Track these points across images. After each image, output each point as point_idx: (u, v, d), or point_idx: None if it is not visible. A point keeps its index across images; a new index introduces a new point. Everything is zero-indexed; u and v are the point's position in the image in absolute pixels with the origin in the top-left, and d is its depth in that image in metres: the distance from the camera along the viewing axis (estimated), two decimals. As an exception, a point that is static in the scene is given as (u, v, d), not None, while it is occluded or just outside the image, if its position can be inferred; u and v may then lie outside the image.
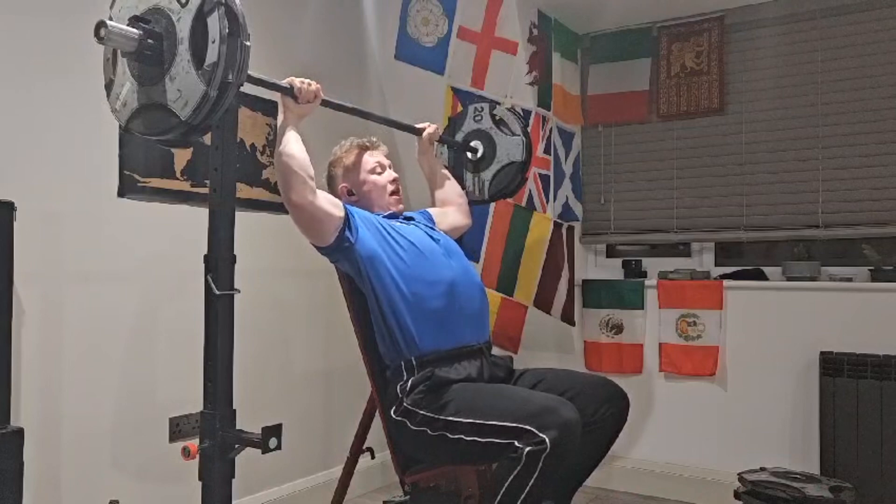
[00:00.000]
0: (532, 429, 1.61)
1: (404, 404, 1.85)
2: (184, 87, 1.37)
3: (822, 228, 3.04)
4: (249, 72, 1.48)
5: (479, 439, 1.70)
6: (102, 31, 1.34)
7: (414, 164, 2.48)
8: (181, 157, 2.50)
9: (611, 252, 3.67)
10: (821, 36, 3.06)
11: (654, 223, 3.43)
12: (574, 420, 1.63)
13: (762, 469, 2.67)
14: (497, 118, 2.49)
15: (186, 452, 1.62)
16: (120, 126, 1.54)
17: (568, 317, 3.22)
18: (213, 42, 1.34)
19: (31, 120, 2.11)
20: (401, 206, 2.17)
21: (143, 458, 2.39)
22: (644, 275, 3.40)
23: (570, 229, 3.30)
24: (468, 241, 2.99)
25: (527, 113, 3.08)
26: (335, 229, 1.89)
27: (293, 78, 1.84)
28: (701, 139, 3.31)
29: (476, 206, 2.61)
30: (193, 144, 1.43)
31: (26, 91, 2.10)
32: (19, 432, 1.86)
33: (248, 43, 1.39)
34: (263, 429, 1.61)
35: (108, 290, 2.30)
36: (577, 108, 3.50)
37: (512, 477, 1.63)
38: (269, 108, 2.80)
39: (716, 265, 3.36)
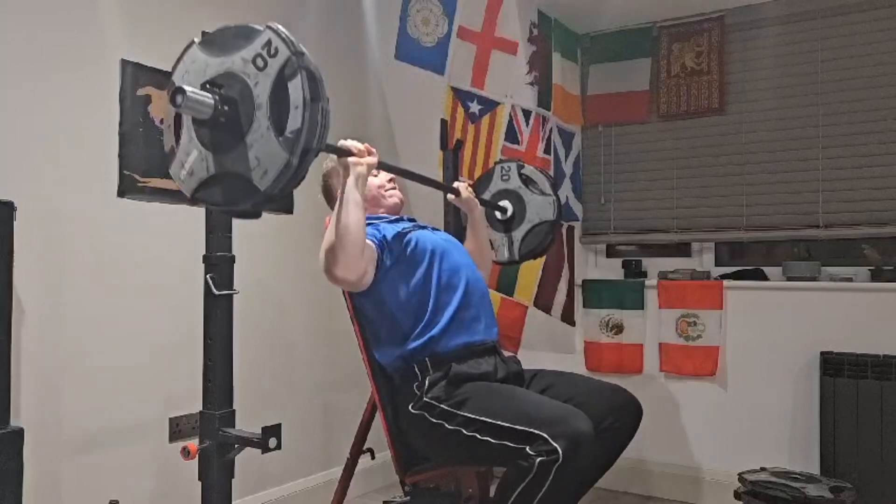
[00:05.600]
0: (545, 435, 1.60)
1: (424, 398, 1.85)
2: (262, 154, 1.29)
3: (822, 228, 3.04)
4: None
5: (492, 440, 1.70)
6: (179, 98, 1.26)
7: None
8: (181, 157, 2.49)
9: (611, 252, 3.66)
10: (821, 36, 3.06)
11: (654, 223, 3.43)
12: (586, 432, 1.63)
13: (762, 469, 2.67)
14: (525, 177, 2.48)
15: (186, 452, 1.62)
16: (187, 196, 1.43)
17: (568, 317, 3.22)
18: (297, 108, 1.26)
19: (32, 120, 2.11)
20: (400, 199, 2.19)
21: (143, 458, 2.39)
22: (644, 275, 3.40)
23: (570, 229, 3.30)
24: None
25: (527, 113, 3.08)
26: (370, 281, 1.86)
27: (347, 141, 1.78)
28: (701, 139, 3.31)
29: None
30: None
31: (26, 91, 2.10)
32: (19, 432, 1.86)
33: (328, 108, 1.31)
34: (263, 429, 1.61)
35: (108, 290, 2.30)
36: (577, 108, 3.49)
37: (523, 485, 1.62)
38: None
39: (716, 265, 3.36)
